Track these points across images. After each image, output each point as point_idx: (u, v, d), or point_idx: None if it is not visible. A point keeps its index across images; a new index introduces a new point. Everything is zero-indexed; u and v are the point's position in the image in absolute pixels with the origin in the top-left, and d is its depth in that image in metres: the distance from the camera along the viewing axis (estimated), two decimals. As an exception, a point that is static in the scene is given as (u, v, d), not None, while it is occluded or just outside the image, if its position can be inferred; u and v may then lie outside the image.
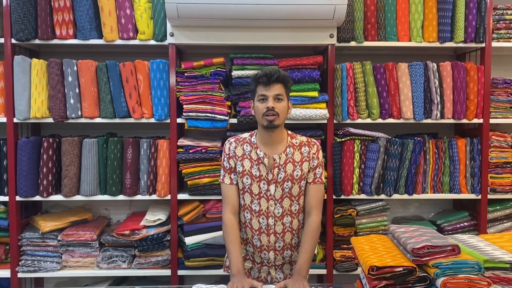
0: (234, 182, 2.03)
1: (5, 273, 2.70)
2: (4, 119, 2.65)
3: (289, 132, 2.06)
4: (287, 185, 1.97)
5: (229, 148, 2.03)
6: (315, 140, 2.06)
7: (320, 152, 2.04)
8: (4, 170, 2.66)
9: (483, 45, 2.76)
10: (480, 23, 2.72)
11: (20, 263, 2.68)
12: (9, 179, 2.64)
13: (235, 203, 2.03)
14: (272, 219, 1.99)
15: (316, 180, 2.01)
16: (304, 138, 2.04)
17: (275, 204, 1.98)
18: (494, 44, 2.78)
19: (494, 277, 1.45)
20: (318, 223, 1.99)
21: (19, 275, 2.68)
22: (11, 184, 2.64)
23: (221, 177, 2.05)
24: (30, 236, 2.67)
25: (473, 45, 2.77)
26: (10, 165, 2.63)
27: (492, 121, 2.78)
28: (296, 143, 2.01)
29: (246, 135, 2.07)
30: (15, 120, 2.64)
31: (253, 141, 2.01)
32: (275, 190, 1.97)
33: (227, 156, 2.02)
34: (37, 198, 2.67)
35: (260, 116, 1.91)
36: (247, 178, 1.98)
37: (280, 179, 1.96)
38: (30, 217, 2.83)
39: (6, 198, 2.67)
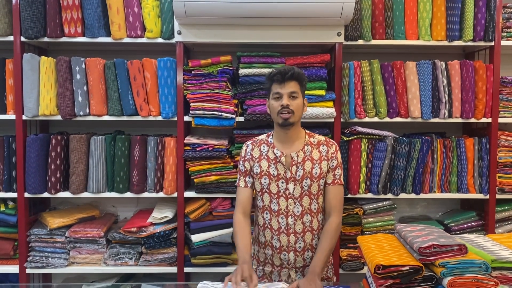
0: (249, 185, 2.04)
1: (13, 268, 2.73)
2: (13, 116, 2.67)
3: (307, 131, 2.06)
4: (306, 183, 1.95)
5: (245, 150, 2.05)
6: (333, 140, 2.07)
7: (339, 152, 2.03)
8: (13, 166, 2.68)
9: (492, 43, 2.73)
10: (489, 21, 2.70)
11: (28, 259, 2.71)
12: (18, 176, 2.67)
13: (246, 205, 2.03)
14: (291, 218, 1.97)
15: (335, 182, 2.00)
16: (322, 138, 2.04)
17: (295, 202, 1.96)
18: (504, 42, 2.75)
19: (502, 277, 1.44)
20: (338, 224, 1.97)
21: (28, 271, 2.71)
22: (19, 180, 2.67)
23: (237, 181, 2.07)
24: (38, 232, 2.69)
25: (482, 43, 2.75)
26: (19, 162, 2.66)
27: (500, 120, 2.76)
28: (314, 141, 2.01)
29: (263, 136, 2.08)
30: (24, 118, 2.67)
31: (270, 141, 2.02)
32: (294, 188, 1.96)
33: (243, 159, 2.04)
34: (45, 194, 2.70)
35: (275, 114, 1.92)
36: (265, 179, 1.98)
37: (299, 177, 1.95)
38: (38, 214, 2.85)
39: (15, 195, 2.69)
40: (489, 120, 2.75)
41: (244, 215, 2.01)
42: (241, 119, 2.71)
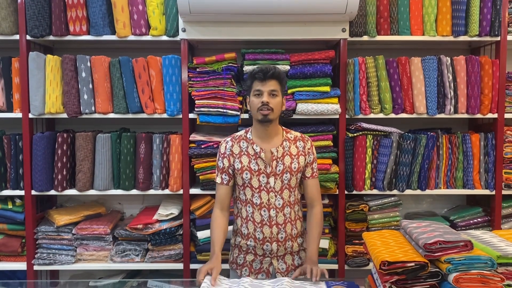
0: (225, 182, 2.10)
1: (21, 265, 2.75)
2: (19, 115, 2.69)
3: (283, 127, 2.16)
4: (286, 177, 2.05)
5: (225, 147, 2.11)
6: (307, 136, 2.18)
7: (313, 147, 2.16)
8: (20, 164, 2.70)
9: (498, 38, 2.71)
10: (495, 16, 2.68)
11: (35, 256, 2.73)
12: (25, 174, 2.69)
13: (224, 201, 2.12)
14: (273, 210, 2.05)
15: (314, 175, 2.13)
16: (298, 133, 2.16)
17: (276, 196, 2.05)
18: (510, 37, 2.73)
19: (508, 273, 1.44)
20: (321, 212, 2.14)
21: (35, 267, 2.73)
22: (26, 178, 2.69)
23: (215, 177, 2.14)
24: (46, 229, 2.72)
25: (488, 38, 2.73)
26: (25, 160, 2.68)
27: (507, 115, 2.74)
28: (291, 137, 2.12)
29: (241, 132, 2.15)
30: (30, 116, 2.68)
31: (249, 137, 2.09)
32: (275, 182, 2.05)
33: (222, 155, 2.10)
34: (52, 192, 2.72)
35: (255, 111, 2.00)
36: (246, 173, 2.05)
37: (279, 171, 2.04)
38: (45, 211, 2.88)
39: (22, 192, 2.72)
40: (495, 115, 2.73)
41: (221, 210, 2.12)
42: (245, 116, 2.71)
